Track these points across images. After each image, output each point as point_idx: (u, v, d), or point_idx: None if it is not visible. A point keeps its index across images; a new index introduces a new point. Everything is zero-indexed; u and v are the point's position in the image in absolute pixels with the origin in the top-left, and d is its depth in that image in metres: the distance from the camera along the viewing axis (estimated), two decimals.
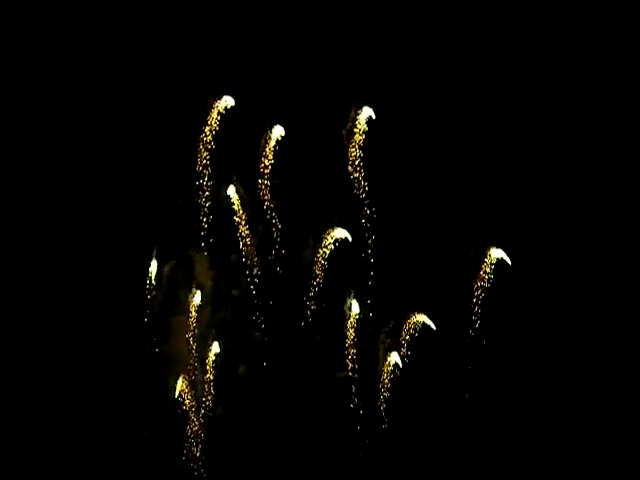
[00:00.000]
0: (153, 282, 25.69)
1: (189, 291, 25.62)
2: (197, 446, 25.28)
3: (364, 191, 25.36)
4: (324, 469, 25.59)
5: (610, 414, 25.09)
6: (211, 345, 25.50)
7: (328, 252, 25.24)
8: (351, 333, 25.25)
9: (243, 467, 25.65)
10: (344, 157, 25.25)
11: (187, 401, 25.28)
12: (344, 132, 25.22)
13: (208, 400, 25.40)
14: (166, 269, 25.89)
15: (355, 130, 25.05)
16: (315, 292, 25.46)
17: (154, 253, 25.71)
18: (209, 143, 25.22)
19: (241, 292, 25.92)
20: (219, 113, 25.06)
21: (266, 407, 25.84)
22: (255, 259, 25.68)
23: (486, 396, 25.44)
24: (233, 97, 24.97)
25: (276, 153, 25.18)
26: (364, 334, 25.38)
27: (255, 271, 25.69)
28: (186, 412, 25.19)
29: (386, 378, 25.19)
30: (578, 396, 25.32)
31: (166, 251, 25.92)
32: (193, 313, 25.64)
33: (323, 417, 25.68)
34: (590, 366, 25.39)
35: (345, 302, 25.26)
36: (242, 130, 25.22)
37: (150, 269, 25.71)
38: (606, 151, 25.79)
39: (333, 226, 25.24)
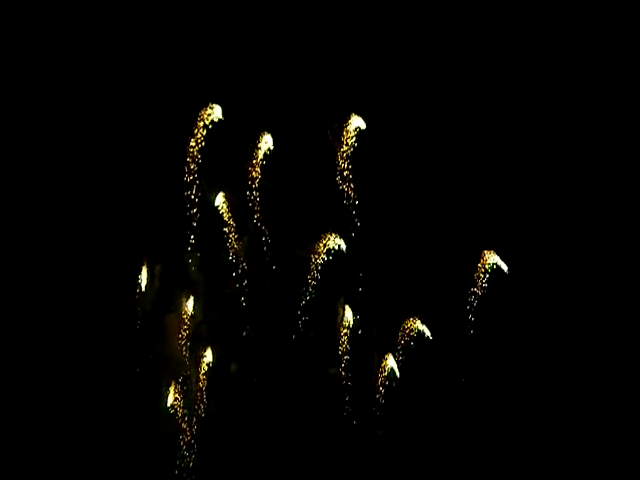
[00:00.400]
0: (144, 283, 25.52)
1: (181, 291, 25.52)
2: (190, 456, 25.14)
3: (354, 202, 25.22)
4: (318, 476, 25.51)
5: (606, 423, 24.94)
6: (204, 353, 25.36)
7: (320, 260, 25.11)
8: (344, 340, 25.13)
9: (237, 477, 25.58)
10: (333, 165, 25.14)
11: (179, 409, 25.13)
12: (329, 132, 25.09)
13: (201, 409, 25.25)
14: (157, 269, 25.77)
15: (342, 140, 24.90)
16: (307, 300, 25.37)
17: (145, 253, 25.60)
18: (196, 156, 25.08)
19: (233, 291, 25.75)
20: (205, 126, 24.90)
21: (260, 413, 25.70)
22: (245, 267, 25.57)
23: (482, 403, 25.29)
24: (222, 104, 24.83)
25: (265, 161, 25.06)
26: (357, 340, 25.30)
27: (245, 281, 25.58)
28: (178, 422, 25.04)
29: (380, 385, 25.10)
30: (575, 403, 25.11)
31: (158, 250, 25.77)
32: (186, 321, 25.49)
33: (318, 423, 25.58)
34: (588, 372, 25.17)
35: (337, 310, 25.24)
36: (231, 137, 25.08)
37: (141, 269, 25.60)
38: (604, 155, 25.49)
39: (327, 233, 25.11)
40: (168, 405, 25.06)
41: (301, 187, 25.57)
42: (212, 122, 24.77)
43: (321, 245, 25.05)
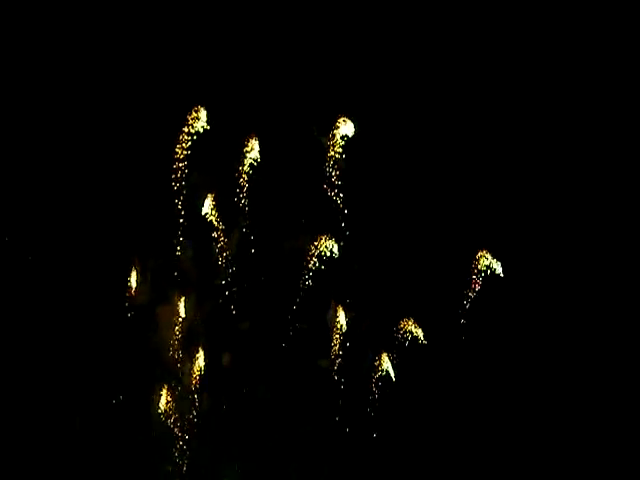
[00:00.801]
0: (134, 284, 25.37)
1: (173, 291, 25.36)
2: (183, 462, 25.04)
3: (345, 203, 25.02)
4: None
5: (600, 425, 24.83)
6: (197, 354, 25.21)
7: (312, 263, 24.93)
8: (336, 342, 25.01)
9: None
10: (325, 164, 24.92)
11: (171, 413, 25.00)
12: (315, 128, 24.87)
13: (193, 413, 25.13)
14: (148, 269, 25.61)
15: (329, 135, 24.63)
16: (299, 302, 25.24)
17: (135, 254, 25.48)
18: (182, 163, 24.89)
19: (225, 286, 25.60)
20: (191, 133, 24.66)
21: (253, 414, 25.60)
22: (232, 264, 25.48)
23: (476, 404, 25.20)
24: (213, 107, 24.62)
25: (254, 165, 24.87)
26: (350, 341, 25.18)
27: (236, 276, 25.45)
28: (171, 426, 24.93)
29: (374, 386, 25.00)
30: (569, 402, 25.05)
31: (148, 250, 25.64)
32: (178, 322, 25.35)
33: (311, 425, 25.49)
34: (583, 372, 25.07)
35: (330, 311, 25.09)
36: (219, 141, 24.89)
37: (131, 269, 25.39)
38: (599, 156, 25.29)
39: (320, 235, 24.92)
40: (160, 408, 24.88)
41: (291, 183, 25.44)
42: (200, 123, 24.53)
43: (313, 247, 24.86)
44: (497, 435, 25.02)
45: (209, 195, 24.62)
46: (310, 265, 24.79)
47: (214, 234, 25.10)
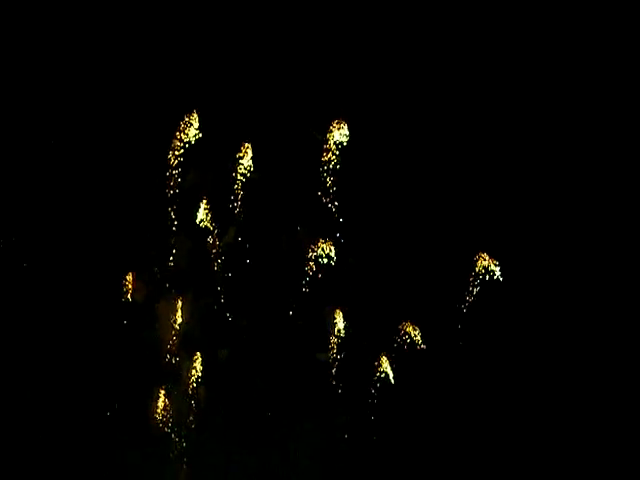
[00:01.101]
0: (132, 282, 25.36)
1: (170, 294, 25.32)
2: (181, 464, 25.02)
3: (339, 210, 24.91)
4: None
5: (599, 432, 24.72)
6: (195, 357, 25.18)
7: (309, 267, 24.85)
8: (334, 345, 24.95)
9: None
10: (323, 167, 24.80)
11: (169, 416, 24.97)
12: (313, 130, 24.76)
13: (191, 418, 25.10)
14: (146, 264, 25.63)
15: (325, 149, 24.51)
16: (297, 305, 25.18)
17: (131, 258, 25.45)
18: (176, 169, 24.81)
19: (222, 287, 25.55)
20: (183, 143, 24.55)
21: (252, 416, 25.60)
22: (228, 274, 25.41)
23: (475, 407, 25.11)
24: (206, 112, 24.53)
25: (246, 175, 24.79)
26: (349, 345, 25.11)
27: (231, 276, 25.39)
28: (168, 433, 24.90)
29: (373, 388, 24.95)
30: (568, 405, 24.93)
31: (144, 247, 25.65)
32: (176, 325, 25.33)
33: (311, 428, 25.47)
34: (583, 375, 24.94)
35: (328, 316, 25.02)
36: (213, 146, 24.82)
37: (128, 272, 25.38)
38: (600, 158, 25.11)
39: (318, 240, 24.82)
40: (158, 411, 24.87)
41: (287, 187, 25.39)
42: (193, 131, 24.46)
43: (310, 250, 24.78)
44: (496, 437, 24.95)
45: (204, 199, 24.60)
46: (307, 269, 24.75)
47: (209, 238, 25.09)
